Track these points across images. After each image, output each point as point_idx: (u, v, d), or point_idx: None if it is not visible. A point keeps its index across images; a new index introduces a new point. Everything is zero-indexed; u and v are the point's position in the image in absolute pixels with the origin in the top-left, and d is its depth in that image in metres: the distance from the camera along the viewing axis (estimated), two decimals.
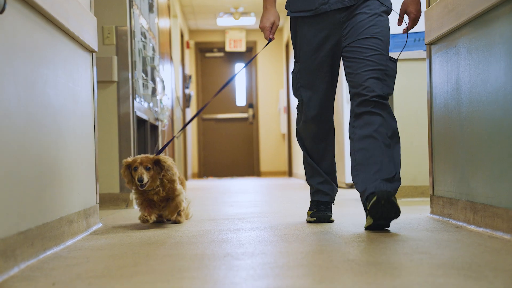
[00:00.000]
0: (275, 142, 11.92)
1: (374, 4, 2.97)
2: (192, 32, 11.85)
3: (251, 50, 11.99)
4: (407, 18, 3.01)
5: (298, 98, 3.16)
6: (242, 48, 11.62)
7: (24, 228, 2.15)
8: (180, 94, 9.16)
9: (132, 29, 4.59)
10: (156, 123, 5.99)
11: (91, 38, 3.15)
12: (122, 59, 4.48)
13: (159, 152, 3.20)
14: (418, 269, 1.84)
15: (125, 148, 4.50)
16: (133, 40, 4.61)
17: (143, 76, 5.00)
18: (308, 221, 3.20)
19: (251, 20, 10.67)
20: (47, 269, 2.05)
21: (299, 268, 1.89)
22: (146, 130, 5.45)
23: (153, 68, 5.53)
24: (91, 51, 3.26)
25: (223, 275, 1.84)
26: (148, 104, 5.33)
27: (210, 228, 3.11)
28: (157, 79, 5.71)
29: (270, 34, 3.11)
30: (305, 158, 3.30)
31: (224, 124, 12.01)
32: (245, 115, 12.00)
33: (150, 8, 5.70)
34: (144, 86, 5.07)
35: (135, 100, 4.64)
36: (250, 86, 12.08)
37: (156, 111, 5.79)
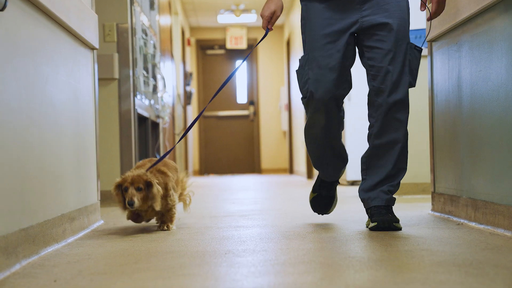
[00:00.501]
0: (276, 139, 11.92)
1: None
2: (193, 29, 11.85)
3: (252, 47, 11.98)
4: (430, 5, 2.78)
5: (305, 93, 2.83)
6: (243, 46, 11.62)
7: (25, 225, 2.15)
8: (181, 92, 9.16)
9: (133, 26, 4.59)
10: (157, 121, 5.99)
11: (92, 35, 3.15)
12: (123, 56, 4.47)
13: (156, 163, 2.90)
14: (420, 266, 1.84)
15: (126, 145, 4.50)
16: (134, 38, 4.61)
17: (144, 74, 5.00)
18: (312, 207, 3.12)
19: (252, 17, 10.66)
20: (49, 266, 2.05)
21: (301, 265, 1.89)
22: (147, 128, 5.45)
23: (154, 65, 5.53)
24: (92, 48, 3.26)
25: (224, 272, 1.84)
26: (149, 101, 5.33)
27: (211, 225, 3.11)
28: (158, 77, 5.71)
29: (269, 24, 2.86)
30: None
31: (225, 121, 12.01)
32: (246, 113, 12.00)
33: (151, 5, 5.69)
34: (145, 83, 5.07)
35: (136, 97, 4.64)
36: (251, 84, 12.08)
37: (157, 109, 5.79)
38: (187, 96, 9.87)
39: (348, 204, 4.02)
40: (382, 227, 2.65)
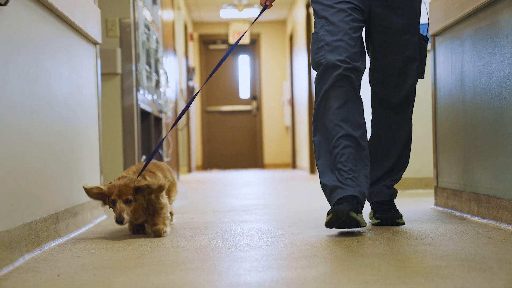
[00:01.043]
0: (279, 134, 11.92)
1: None
2: (196, 24, 11.84)
3: (254, 42, 11.97)
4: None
5: (319, 61, 2.49)
6: (246, 40, 11.60)
7: (28, 220, 2.15)
8: (184, 87, 9.15)
9: (136, 21, 4.59)
10: (160, 116, 5.99)
11: (95, 30, 3.15)
12: (125, 51, 4.47)
13: (147, 163, 2.61)
14: (422, 260, 1.84)
15: (129, 140, 4.51)
16: (136, 32, 4.61)
17: (146, 69, 5.00)
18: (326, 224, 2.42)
19: (255, 12, 10.65)
20: (52, 260, 2.06)
21: (304, 260, 1.89)
22: (150, 123, 5.46)
23: (156, 60, 5.52)
24: (95, 43, 3.26)
25: (227, 266, 1.84)
26: (152, 96, 5.33)
27: (214, 220, 3.11)
28: (160, 71, 5.71)
29: (268, 0, 2.70)
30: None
31: (228, 116, 12.01)
32: (249, 108, 12.00)
33: (154, 0, 5.69)
34: (148, 78, 5.07)
35: (139, 92, 4.64)
36: (254, 79, 12.07)
37: (159, 104, 5.79)
38: (190, 91, 9.87)
39: None
40: (385, 224, 2.65)
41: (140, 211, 2.48)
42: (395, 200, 2.82)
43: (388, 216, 2.66)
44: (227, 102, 12.00)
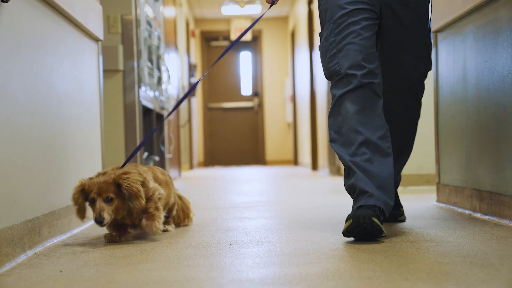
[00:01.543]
0: (280, 131, 11.92)
1: None
2: (198, 21, 11.83)
3: (256, 39, 11.96)
4: None
5: (334, 70, 2.36)
6: (248, 37, 11.60)
7: (31, 216, 2.16)
8: (185, 83, 9.15)
9: (138, 18, 4.58)
10: (162, 112, 5.99)
11: (96, 27, 3.15)
12: (127, 48, 4.47)
13: (128, 159, 2.37)
14: (424, 256, 1.84)
15: (130, 137, 4.51)
16: (138, 29, 4.60)
17: (148, 65, 5.00)
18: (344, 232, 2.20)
19: (256, 9, 10.63)
20: (54, 256, 2.06)
21: (306, 256, 1.90)
22: (152, 119, 5.46)
23: (158, 57, 5.52)
24: (96, 40, 3.26)
25: (229, 262, 1.84)
26: (154, 93, 5.33)
27: (216, 216, 3.11)
28: (162, 68, 5.71)
29: None
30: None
31: (230, 113, 12.01)
32: (250, 104, 11.99)
33: None
34: (150, 75, 5.07)
35: (141, 89, 4.64)
36: (256, 75, 12.06)
37: (161, 100, 5.79)
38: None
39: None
40: (386, 221, 2.64)
41: (123, 210, 2.24)
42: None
43: (391, 214, 2.64)
44: (229, 99, 12.00)
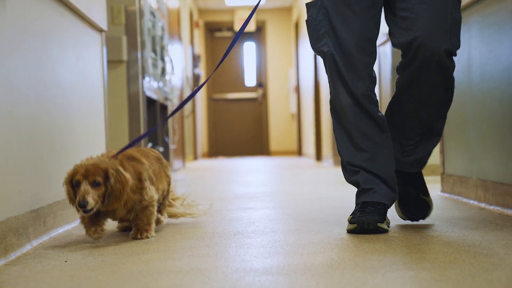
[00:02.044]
0: (284, 121, 11.91)
1: None
2: (201, 12, 11.81)
3: (260, 29, 11.94)
4: None
5: (321, 52, 2.20)
6: (251, 28, 11.57)
7: (36, 207, 2.16)
8: (189, 74, 9.15)
9: (141, 8, 4.58)
10: (166, 103, 5.99)
11: (100, 18, 3.15)
12: (131, 38, 4.47)
13: (128, 147, 2.17)
14: (429, 246, 1.84)
15: (134, 128, 4.51)
16: (142, 20, 4.60)
17: (152, 56, 4.99)
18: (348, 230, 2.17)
19: None
20: (59, 246, 2.06)
21: (310, 246, 1.90)
22: (156, 110, 5.46)
23: (162, 48, 5.52)
24: (100, 31, 3.26)
25: (233, 252, 1.84)
26: (158, 84, 5.33)
27: (220, 207, 3.12)
28: (166, 59, 5.70)
29: None
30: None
31: (234, 104, 12.00)
32: (254, 95, 11.98)
33: None
34: (154, 65, 5.07)
35: (145, 80, 4.64)
36: (260, 66, 12.05)
37: (165, 91, 5.79)
38: (196, 79, 9.86)
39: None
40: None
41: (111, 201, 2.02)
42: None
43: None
44: (233, 90, 11.99)
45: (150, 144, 5.17)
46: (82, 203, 1.94)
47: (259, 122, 12.04)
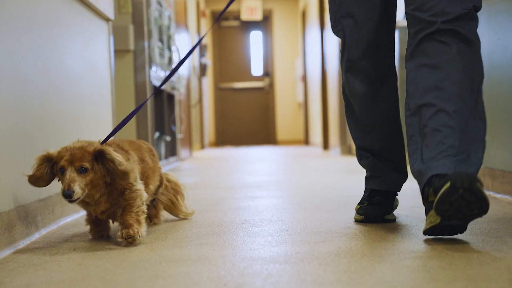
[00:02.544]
0: (291, 110, 11.90)
1: None
2: (208, 1, 11.78)
3: (267, 18, 11.91)
4: None
5: (339, 35, 2.14)
6: (258, 17, 11.54)
7: (44, 195, 2.17)
8: (196, 63, 9.14)
9: None
10: (173, 92, 5.99)
11: (107, 7, 3.14)
12: (138, 28, 4.47)
13: (112, 134, 1.97)
14: None
15: (142, 117, 4.51)
16: (148, 9, 4.59)
17: (159, 45, 4.99)
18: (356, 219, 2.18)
19: None
20: (68, 235, 2.07)
21: (317, 235, 1.90)
22: (163, 99, 5.46)
23: (169, 37, 5.51)
24: (107, 20, 3.26)
25: (241, 241, 1.85)
26: (165, 73, 5.33)
27: (227, 196, 3.12)
28: (173, 48, 5.70)
29: None
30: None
31: (241, 93, 11.99)
32: (261, 84, 11.97)
33: None
34: (160, 55, 5.06)
35: (151, 69, 4.64)
36: (266, 55, 12.02)
37: (172, 80, 5.79)
38: (202, 68, 9.85)
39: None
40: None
41: (100, 188, 1.82)
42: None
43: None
44: (239, 79, 11.98)
45: (157, 134, 5.18)
46: (67, 192, 1.71)
47: (266, 112, 12.04)
